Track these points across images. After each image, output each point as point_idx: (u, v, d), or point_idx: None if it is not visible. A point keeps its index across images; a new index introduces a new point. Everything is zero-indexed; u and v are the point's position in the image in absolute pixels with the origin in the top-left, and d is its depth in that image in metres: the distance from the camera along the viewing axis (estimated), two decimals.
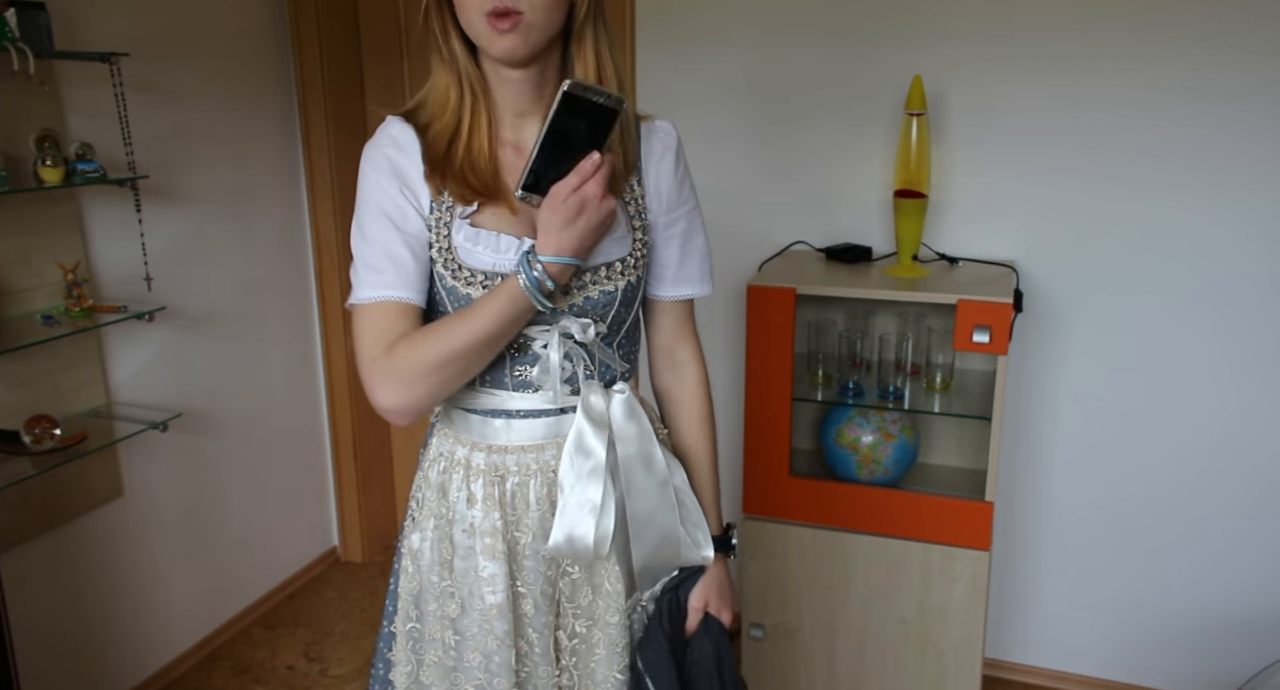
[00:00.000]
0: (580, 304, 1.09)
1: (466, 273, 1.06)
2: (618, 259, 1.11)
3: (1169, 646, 2.29)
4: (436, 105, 1.08)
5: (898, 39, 2.16)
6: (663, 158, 1.16)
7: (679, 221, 1.19)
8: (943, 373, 2.12)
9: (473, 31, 1.01)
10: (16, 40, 1.76)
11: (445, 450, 1.17)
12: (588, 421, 1.10)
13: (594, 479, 1.09)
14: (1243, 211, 2.02)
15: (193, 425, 2.44)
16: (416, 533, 1.19)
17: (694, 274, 1.22)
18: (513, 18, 0.97)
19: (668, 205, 1.17)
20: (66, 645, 2.19)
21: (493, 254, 1.06)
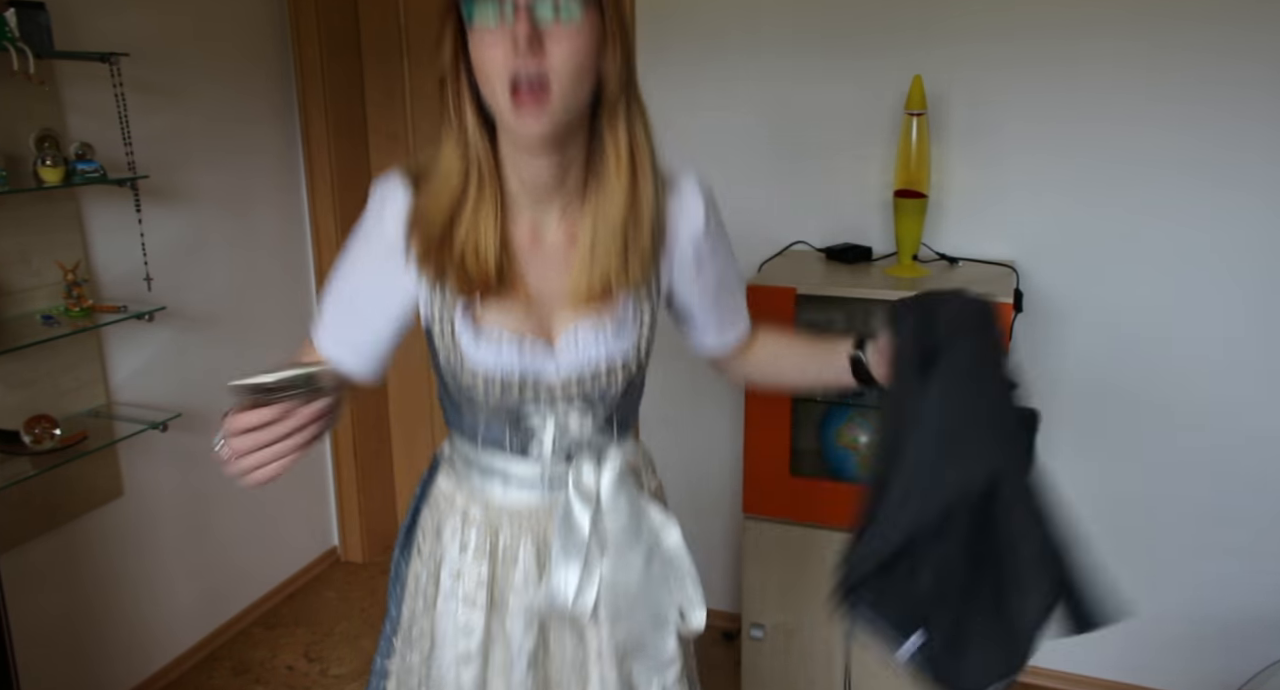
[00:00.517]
0: (577, 396, 1.07)
1: (469, 372, 1.04)
2: (619, 358, 1.07)
3: (1169, 646, 2.29)
4: (439, 182, 1.00)
5: (898, 39, 2.16)
6: (688, 229, 1.09)
7: (710, 283, 1.14)
8: None
9: (493, 103, 0.93)
10: (16, 40, 1.76)
11: (447, 492, 1.18)
12: (576, 497, 1.10)
13: (578, 554, 1.10)
14: (1243, 211, 2.02)
15: (193, 425, 2.44)
16: (418, 560, 1.21)
17: (735, 320, 1.20)
18: (538, 94, 0.90)
19: (694, 271, 1.12)
20: (66, 645, 2.19)
21: (494, 354, 1.03)
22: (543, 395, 1.06)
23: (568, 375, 1.05)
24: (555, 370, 1.05)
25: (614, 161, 1.00)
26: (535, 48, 0.88)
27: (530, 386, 1.05)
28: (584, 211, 1.03)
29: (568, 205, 1.03)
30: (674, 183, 1.08)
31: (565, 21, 0.90)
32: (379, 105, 2.85)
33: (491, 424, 1.10)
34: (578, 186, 1.02)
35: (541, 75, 0.89)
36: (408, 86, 2.81)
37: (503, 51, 0.89)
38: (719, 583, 2.67)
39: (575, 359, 1.05)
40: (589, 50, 0.92)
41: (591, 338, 1.05)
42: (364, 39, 2.81)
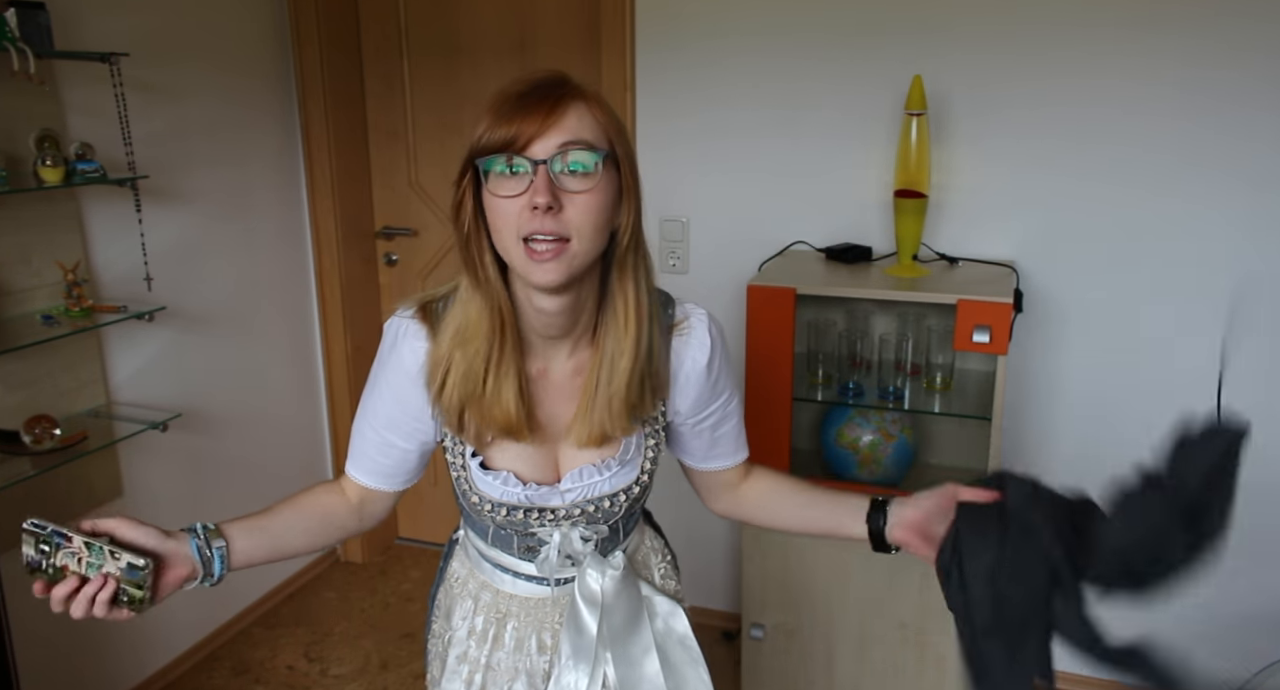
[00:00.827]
0: (581, 518, 1.12)
1: (477, 497, 1.10)
2: (621, 490, 1.12)
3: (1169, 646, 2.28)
4: (470, 331, 1.01)
5: (898, 39, 2.16)
6: (694, 367, 1.11)
7: (710, 417, 1.15)
8: (943, 373, 2.12)
9: (508, 256, 0.96)
10: (16, 40, 1.76)
11: (461, 575, 1.24)
12: (582, 601, 1.15)
13: (586, 657, 1.14)
14: (1243, 211, 2.02)
15: (192, 425, 2.44)
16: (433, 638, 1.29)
17: (725, 451, 1.19)
18: (556, 246, 0.92)
19: (695, 408, 1.14)
20: (66, 645, 2.19)
21: (500, 490, 1.09)
22: (548, 519, 1.11)
23: (572, 504, 1.10)
24: (560, 501, 1.10)
25: (623, 311, 1.02)
26: (554, 209, 0.91)
27: (536, 513, 1.10)
28: (593, 352, 1.05)
29: (578, 343, 1.06)
30: (684, 320, 1.10)
31: (583, 181, 0.92)
32: (379, 105, 2.85)
33: (499, 533, 1.15)
34: (587, 328, 1.05)
35: (561, 233, 0.92)
36: (408, 86, 2.81)
37: (519, 210, 0.92)
38: (719, 583, 2.67)
39: (580, 494, 1.10)
40: (606, 207, 0.95)
41: (596, 474, 1.10)
42: (364, 39, 2.81)
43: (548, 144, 0.91)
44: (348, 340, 2.89)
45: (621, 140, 0.97)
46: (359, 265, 2.91)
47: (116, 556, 0.97)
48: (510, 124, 0.92)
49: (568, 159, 0.91)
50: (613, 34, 2.37)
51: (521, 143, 0.91)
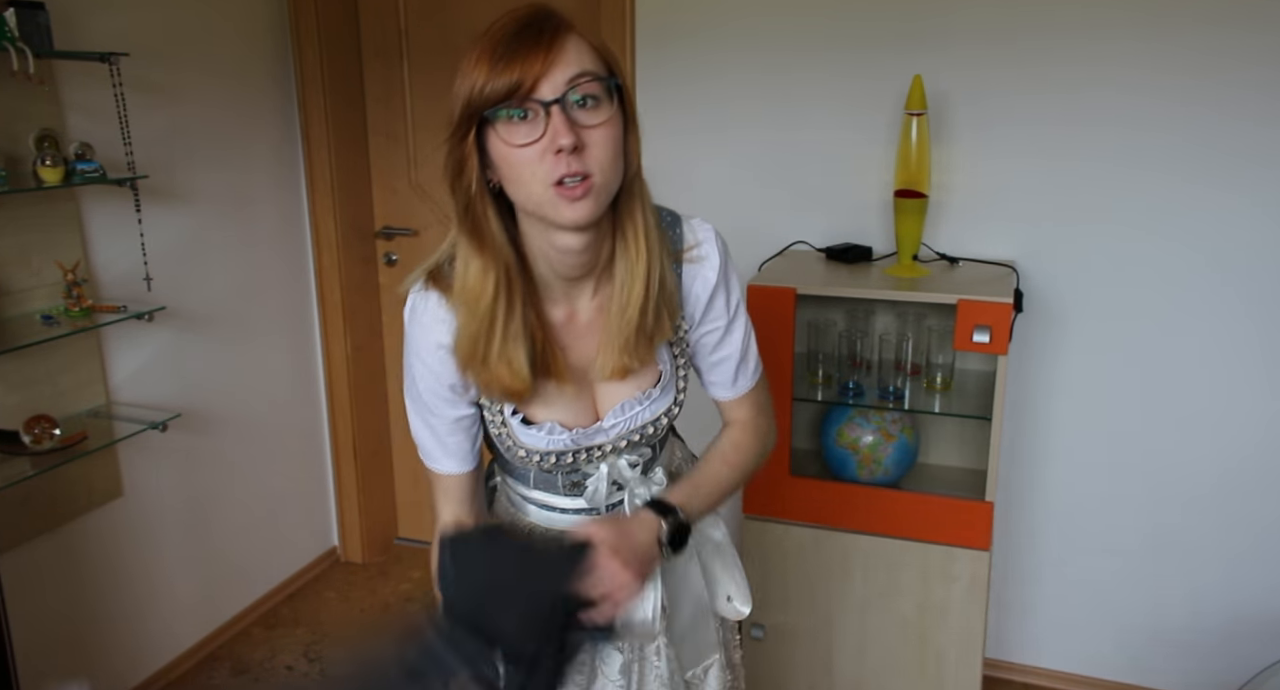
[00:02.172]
0: (625, 448, 1.14)
1: (522, 450, 1.10)
2: (662, 413, 1.14)
3: (1169, 646, 2.29)
4: (469, 305, 0.99)
5: (898, 39, 2.16)
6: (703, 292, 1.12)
7: (709, 335, 1.16)
8: (943, 373, 2.12)
9: (533, 202, 0.93)
10: (16, 40, 1.76)
11: (505, 521, 1.24)
12: None
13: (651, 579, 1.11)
14: (1244, 212, 2.02)
15: (192, 425, 2.44)
16: None
17: (720, 379, 1.19)
18: (585, 183, 0.90)
19: (693, 324, 1.15)
20: (66, 645, 2.19)
21: (545, 440, 1.09)
22: (594, 455, 1.12)
23: (617, 437, 1.12)
24: (605, 438, 1.11)
25: (633, 240, 1.01)
26: (578, 148, 0.89)
27: (582, 453, 1.12)
28: (613, 286, 1.04)
29: (599, 280, 1.06)
30: (695, 245, 1.10)
31: (597, 113, 0.91)
32: (379, 105, 2.85)
33: (542, 475, 1.15)
34: (607, 263, 1.04)
35: (586, 171, 0.90)
36: (408, 87, 2.81)
37: (540, 155, 0.89)
38: None
39: (624, 427, 1.11)
40: (621, 136, 0.93)
41: (637, 406, 1.11)
42: (364, 39, 2.81)
43: (555, 81, 0.89)
44: (348, 340, 2.89)
45: (617, 65, 0.95)
46: (359, 265, 2.91)
47: None
48: (511, 68, 0.88)
49: (580, 93, 0.89)
50: (613, 33, 2.37)
51: (529, 85, 0.88)
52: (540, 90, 0.88)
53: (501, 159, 0.92)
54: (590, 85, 0.90)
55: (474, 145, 0.93)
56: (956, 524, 1.98)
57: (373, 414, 3.05)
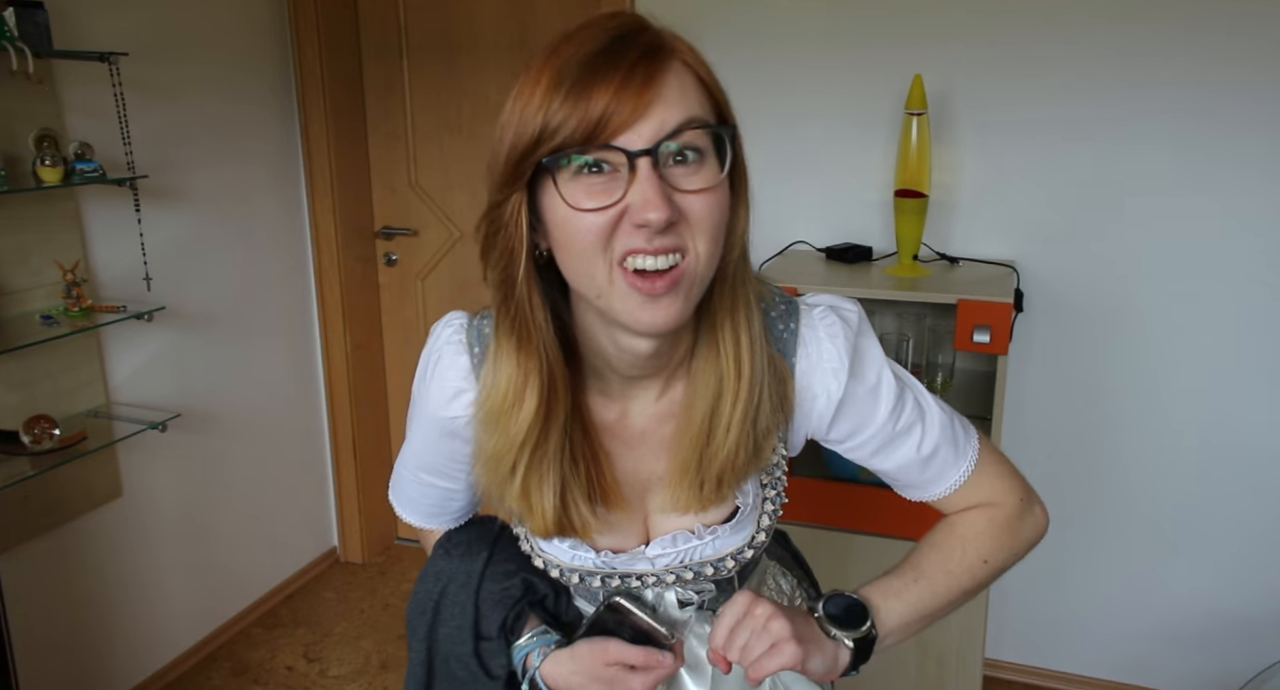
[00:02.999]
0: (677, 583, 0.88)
1: (541, 561, 0.90)
2: (729, 554, 0.86)
3: (1169, 646, 2.28)
4: (494, 408, 0.77)
5: (898, 39, 2.16)
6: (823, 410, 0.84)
7: (864, 447, 0.88)
8: (943, 373, 2.12)
9: (595, 290, 0.68)
10: (15, 40, 1.76)
11: None
12: (685, 671, 0.90)
13: None
14: (1244, 211, 2.02)
15: (192, 425, 2.44)
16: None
17: (927, 478, 0.89)
18: (673, 273, 0.66)
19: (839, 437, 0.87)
20: (66, 645, 2.18)
21: (570, 552, 0.87)
22: (632, 583, 0.88)
23: (665, 569, 0.87)
24: (650, 566, 0.86)
25: (731, 344, 0.76)
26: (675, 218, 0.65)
27: (617, 579, 0.87)
28: (686, 392, 0.80)
29: (669, 381, 0.82)
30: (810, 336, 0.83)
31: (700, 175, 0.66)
32: (379, 105, 2.85)
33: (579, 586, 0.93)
34: (682, 360, 0.80)
35: (680, 247, 0.66)
36: (407, 86, 2.81)
37: (614, 226, 0.65)
38: None
39: (673, 561, 0.86)
40: (727, 208, 0.69)
41: (694, 540, 0.85)
42: (364, 39, 2.81)
43: (650, 126, 0.64)
44: (347, 340, 2.89)
45: (728, 106, 0.72)
46: (359, 265, 2.91)
47: None
48: (588, 99, 0.63)
49: (680, 143, 0.65)
50: None
51: (611, 127, 0.64)
52: (626, 136, 0.64)
53: (558, 224, 0.67)
54: (696, 135, 0.66)
55: (523, 201, 0.68)
56: None
57: (372, 414, 3.05)
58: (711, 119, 0.68)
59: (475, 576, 0.92)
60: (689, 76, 0.68)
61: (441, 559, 0.95)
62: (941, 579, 0.85)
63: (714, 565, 0.87)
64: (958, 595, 0.86)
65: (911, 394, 0.87)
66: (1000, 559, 0.87)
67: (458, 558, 0.94)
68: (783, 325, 0.82)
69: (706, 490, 0.80)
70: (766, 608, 0.76)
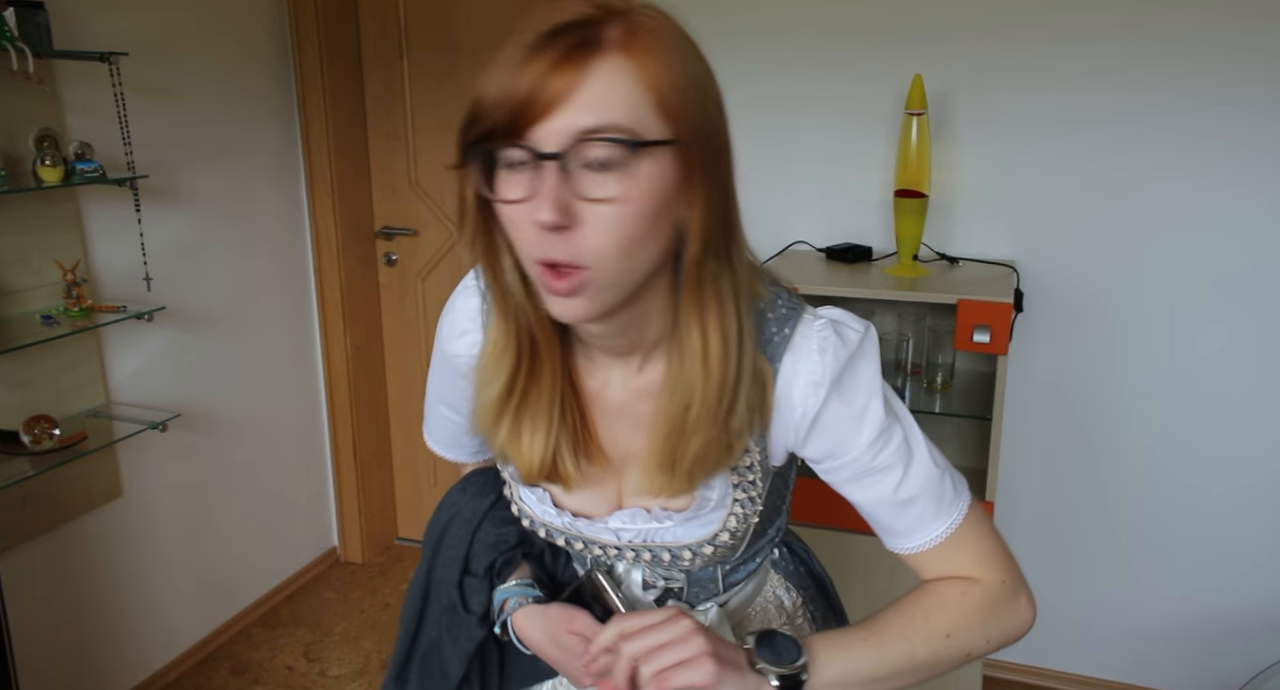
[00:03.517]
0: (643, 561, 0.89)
1: (516, 508, 0.93)
2: (688, 546, 0.85)
3: (1169, 646, 2.28)
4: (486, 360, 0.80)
5: (898, 39, 2.16)
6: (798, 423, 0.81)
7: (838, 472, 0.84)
8: (943, 373, 2.12)
9: (529, 266, 0.70)
10: (16, 40, 1.76)
11: None
12: None
13: None
14: (1244, 212, 2.02)
15: (192, 425, 2.44)
16: None
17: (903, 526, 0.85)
18: (574, 275, 0.67)
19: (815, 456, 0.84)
20: (66, 645, 2.18)
21: (539, 507, 0.90)
22: (598, 552, 0.90)
23: (628, 544, 0.87)
24: (614, 539, 0.87)
25: (699, 344, 0.74)
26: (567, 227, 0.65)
27: (583, 544, 0.90)
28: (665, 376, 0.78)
29: (648, 357, 0.81)
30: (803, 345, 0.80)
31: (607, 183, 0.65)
32: (379, 105, 2.85)
33: None
34: (662, 338, 0.79)
35: (574, 261, 0.66)
36: (407, 87, 2.81)
37: (528, 225, 0.67)
38: None
39: (636, 537, 0.86)
40: (646, 216, 0.67)
41: (652, 522, 0.85)
42: (364, 39, 2.81)
43: (561, 127, 0.63)
44: (347, 340, 2.89)
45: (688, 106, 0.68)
46: (359, 265, 2.91)
47: None
48: (511, 90, 0.63)
49: (584, 154, 0.64)
50: None
51: (523, 122, 0.64)
52: (535, 134, 0.64)
53: (498, 211, 0.70)
54: (601, 148, 0.63)
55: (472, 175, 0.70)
56: None
57: (372, 414, 3.05)
58: (642, 125, 0.65)
59: (478, 516, 0.97)
60: (628, 73, 0.64)
61: (457, 492, 1.01)
62: (895, 642, 0.80)
63: (672, 552, 0.86)
64: (911, 665, 0.79)
65: (901, 432, 0.84)
66: (966, 639, 0.80)
67: (470, 495, 0.99)
68: (776, 329, 0.81)
69: (677, 479, 0.79)
70: (691, 623, 0.73)
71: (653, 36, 0.66)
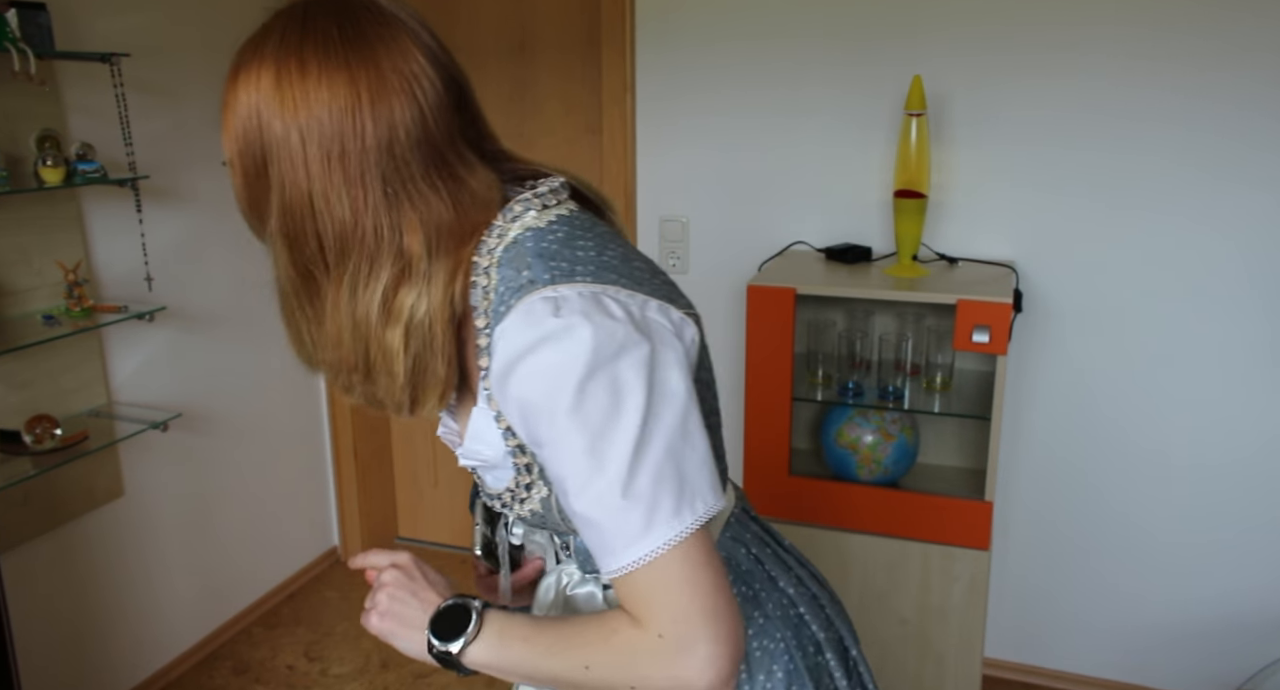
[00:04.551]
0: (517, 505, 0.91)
1: None
2: (499, 494, 0.91)
3: (1169, 646, 2.29)
4: None
5: (898, 39, 2.16)
6: (499, 369, 0.78)
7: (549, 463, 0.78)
8: (942, 373, 2.12)
9: None
10: (17, 41, 1.76)
11: None
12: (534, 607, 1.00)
13: None
14: (1243, 212, 2.02)
15: (193, 425, 2.44)
16: None
17: (592, 544, 0.76)
18: None
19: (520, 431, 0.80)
20: (67, 645, 2.19)
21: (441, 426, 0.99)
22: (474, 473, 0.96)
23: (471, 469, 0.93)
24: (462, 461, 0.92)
25: None
26: None
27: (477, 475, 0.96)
28: None
29: None
30: (520, 306, 0.77)
31: None
32: None
33: None
34: None
35: None
36: None
37: None
38: None
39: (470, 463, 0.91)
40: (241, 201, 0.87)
41: (459, 446, 0.92)
42: None
43: None
44: None
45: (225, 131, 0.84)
46: None
47: None
48: None
49: None
50: (613, 35, 2.38)
51: None
52: None
53: None
54: None
55: None
56: (956, 524, 1.98)
57: (372, 414, 3.05)
58: None
59: None
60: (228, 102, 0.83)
61: None
62: (545, 655, 0.79)
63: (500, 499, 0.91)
64: (552, 680, 0.79)
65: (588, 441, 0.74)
66: (605, 677, 0.76)
67: None
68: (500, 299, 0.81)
69: None
70: (400, 577, 0.85)
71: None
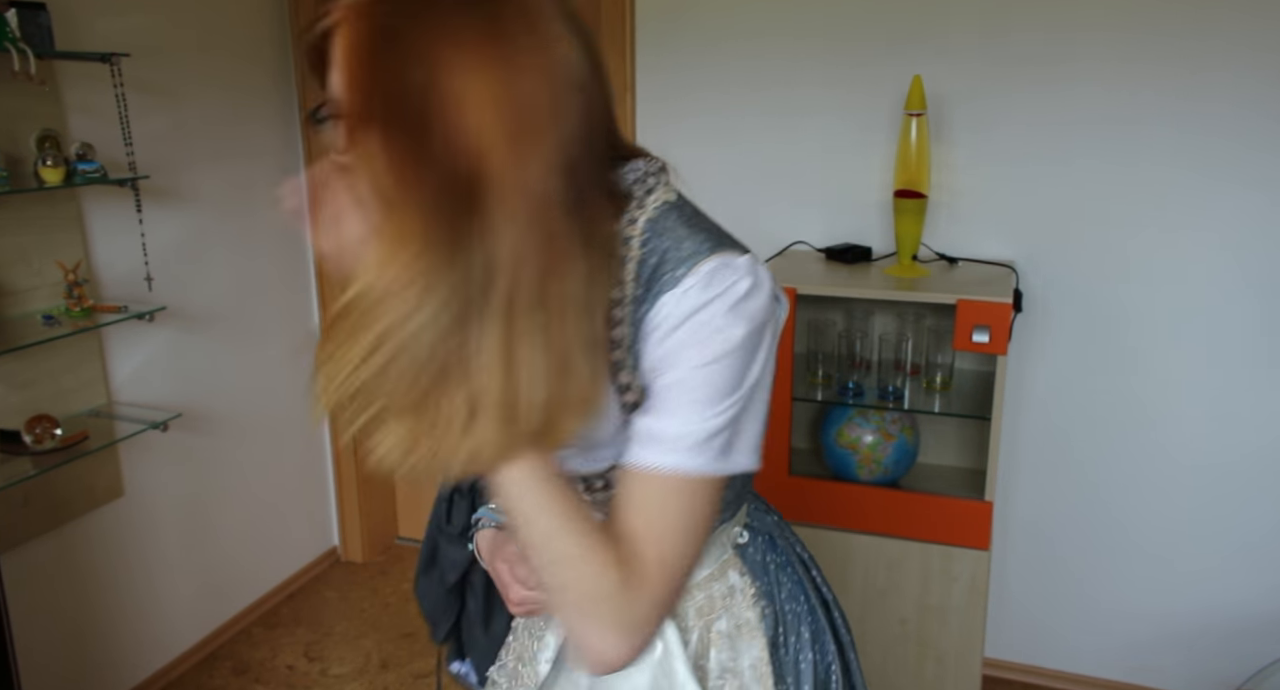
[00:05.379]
0: None
1: None
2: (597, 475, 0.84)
3: (1169, 646, 2.29)
4: None
5: (898, 39, 2.16)
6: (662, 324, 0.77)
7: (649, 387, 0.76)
8: (942, 373, 2.12)
9: None
10: (17, 41, 1.76)
11: None
12: None
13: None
14: (1244, 210, 2.02)
15: (193, 425, 2.44)
16: None
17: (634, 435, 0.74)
18: None
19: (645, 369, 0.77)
20: (67, 644, 2.19)
21: None
22: None
23: None
24: None
25: None
26: None
27: None
28: None
29: None
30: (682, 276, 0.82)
31: None
32: None
33: None
34: None
35: None
36: None
37: None
38: None
39: None
40: None
41: None
42: None
43: None
44: None
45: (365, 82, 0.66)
46: None
47: None
48: None
49: None
50: (613, 35, 2.38)
51: None
52: None
53: None
54: None
55: None
56: (956, 524, 1.98)
57: None
58: None
59: None
60: None
61: None
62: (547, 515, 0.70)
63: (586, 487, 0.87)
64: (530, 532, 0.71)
65: None
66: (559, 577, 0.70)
67: None
68: None
69: None
70: None
71: None
